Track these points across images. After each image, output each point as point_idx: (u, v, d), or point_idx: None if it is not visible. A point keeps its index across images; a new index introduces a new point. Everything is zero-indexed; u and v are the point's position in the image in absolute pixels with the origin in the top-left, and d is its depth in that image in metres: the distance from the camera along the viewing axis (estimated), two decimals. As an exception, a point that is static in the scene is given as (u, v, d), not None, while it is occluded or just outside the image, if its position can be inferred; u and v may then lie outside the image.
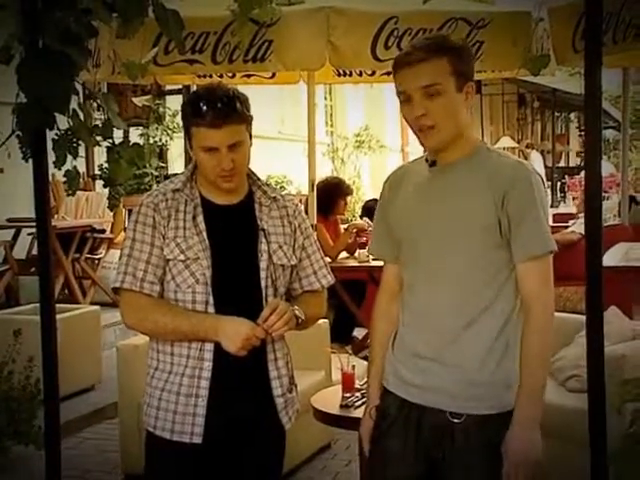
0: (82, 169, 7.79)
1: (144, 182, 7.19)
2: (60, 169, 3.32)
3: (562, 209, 13.54)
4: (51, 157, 3.22)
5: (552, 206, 16.39)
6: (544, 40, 4.64)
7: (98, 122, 3.49)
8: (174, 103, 8.09)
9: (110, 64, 4.56)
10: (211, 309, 2.33)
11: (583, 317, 3.59)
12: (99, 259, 7.84)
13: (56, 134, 3.11)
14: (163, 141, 7.84)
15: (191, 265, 2.34)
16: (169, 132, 7.91)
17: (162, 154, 8.18)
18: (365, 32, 4.56)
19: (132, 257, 2.35)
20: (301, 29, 4.63)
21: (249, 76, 5.80)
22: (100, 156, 8.07)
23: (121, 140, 3.53)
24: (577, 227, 6.39)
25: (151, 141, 7.53)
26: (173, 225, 2.37)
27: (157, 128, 7.62)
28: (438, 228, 2.18)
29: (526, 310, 2.13)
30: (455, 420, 2.14)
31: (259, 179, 2.52)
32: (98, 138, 3.40)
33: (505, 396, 2.15)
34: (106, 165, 3.47)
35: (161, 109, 7.80)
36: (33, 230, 7.08)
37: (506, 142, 20.02)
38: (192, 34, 4.59)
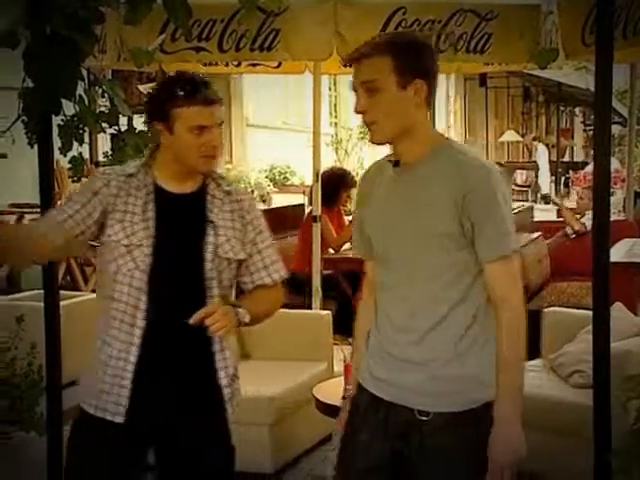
0: (85, 156, 7.78)
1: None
2: (65, 155, 3.32)
3: (566, 204, 13.51)
4: (56, 143, 3.23)
5: (556, 201, 16.36)
6: (552, 33, 4.61)
7: (103, 109, 3.50)
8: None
9: (116, 51, 4.55)
10: (144, 296, 2.35)
11: (587, 312, 3.58)
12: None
13: (62, 120, 3.11)
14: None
15: (133, 250, 2.37)
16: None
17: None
18: (373, 23, 4.54)
19: (59, 208, 2.48)
20: (308, 19, 4.61)
21: (255, 65, 5.78)
22: (104, 143, 8.05)
23: (126, 127, 3.52)
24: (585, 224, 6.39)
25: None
26: (122, 208, 2.40)
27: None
28: (404, 231, 2.21)
29: (496, 311, 2.14)
30: (423, 418, 2.15)
31: (215, 172, 2.54)
32: (104, 125, 3.41)
33: (472, 393, 2.16)
34: (111, 152, 3.47)
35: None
36: (35, 216, 7.10)
37: (511, 136, 20.01)
38: (199, 21, 4.57)
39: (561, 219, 7.14)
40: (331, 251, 6.42)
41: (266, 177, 12.04)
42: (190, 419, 2.43)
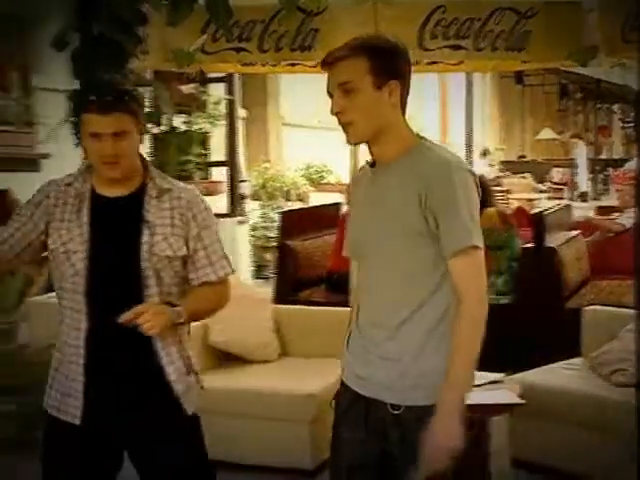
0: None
1: (187, 169, 7.26)
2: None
3: (604, 202, 13.39)
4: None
5: (594, 199, 16.19)
6: (593, 30, 4.59)
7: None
8: (217, 91, 8.14)
9: (158, 52, 4.60)
10: (84, 300, 2.42)
11: (628, 311, 3.57)
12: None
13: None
14: (206, 129, 7.91)
15: (71, 257, 2.45)
16: (212, 120, 7.97)
17: (204, 141, 8.26)
18: (412, 21, 4.54)
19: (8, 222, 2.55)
20: (348, 18, 4.62)
21: (293, 65, 5.81)
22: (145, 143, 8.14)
23: (167, 128, 3.58)
24: (624, 221, 6.34)
25: (194, 128, 7.60)
26: (59, 217, 2.50)
27: (200, 116, 7.69)
28: (376, 230, 2.27)
29: (458, 302, 2.17)
30: (395, 412, 2.21)
31: (154, 171, 2.58)
32: (148, 125, 3.47)
33: (439, 387, 2.18)
34: (153, 152, 3.54)
35: (204, 97, 7.87)
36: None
37: (547, 134, 19.82)
38: (238, 22, 4.61)
39: (600, 217, 7.08)
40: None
41: (302, 176, 12.07)
42: (143, 418, 2.50)
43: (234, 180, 7.91)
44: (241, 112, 9.70)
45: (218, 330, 4.55)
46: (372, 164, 2.31)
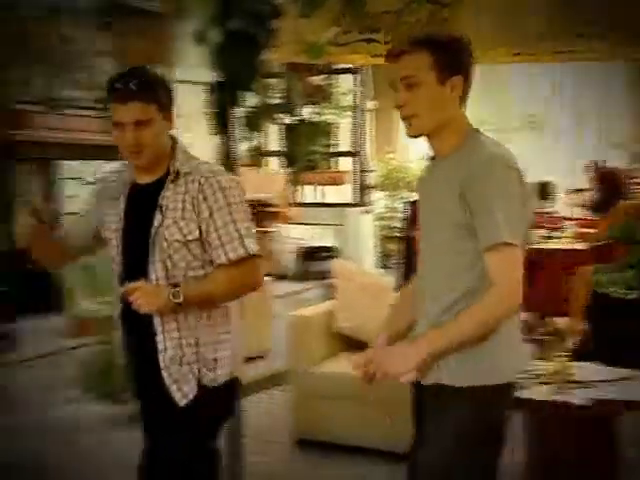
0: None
1: (314, 159, 7.35)
2: (244, 145, 3.49)
3: None
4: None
5: None
6: None
7: (276, 100, 3.65)
8: (345, 82, 8.21)
9: (290, 44, 4.70)
10: (117, 283, 2.53)
11: None
12: (270, 231, 8.11)
13: (244, 111, 3.28)
14: (333, 119, 7.99)
15: (112, 241, 2.56)
16: (339, 111, 8.05)
17: (331, 132, 8.35)
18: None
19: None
20: (475, 8, 4.59)
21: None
22: (271, 134, 8.31)
23: (297, 118, 3.66)
24: None
25: (321, 119, 7.69)
26: (108, 205, 2.58)
27: (328, 107, 7.78)
28: (427, 222, 2.33)
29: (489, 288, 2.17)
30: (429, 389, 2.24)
31: (181, 155, 2.53)
32: (280, 116, 3.57)
33: (474, 372, 2.19)
34: (281, 141, 3.62)
35: (332, 88, 7.95)
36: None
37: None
38: (369, 13, 4.64)
39: None
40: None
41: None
42: (144, 402, 2.59)
43: (360, 170, 7.96)
44: (370, 104, 9.74)
45: (343, 317, 4.62)
46: (432, 157, 2.34)
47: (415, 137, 2.29)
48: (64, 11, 5.03)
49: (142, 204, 2.51)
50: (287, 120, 3.58)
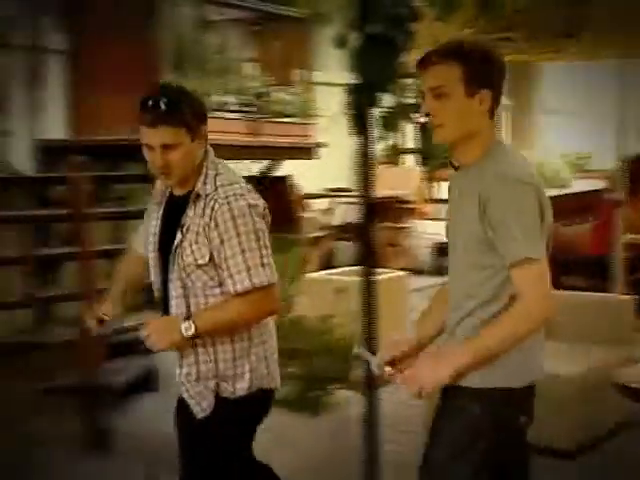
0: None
1: (447, 157, 7.29)
2: (382, 144, 3.52)
3: None
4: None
5: None
6: None
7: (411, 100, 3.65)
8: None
9: (427, 45, 4.68)
10: (158, 294, 2.52)
11: None
12: (407, 227, 8.12)
13: (381, 111, 3.30)
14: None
15: (149, 249, 2.54)
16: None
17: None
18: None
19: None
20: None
21: (557, 52, 5.64)
22: (407, 133, 8.31)
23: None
24: None
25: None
26: (152, 215, 2.56)
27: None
28: (451, 232, 2.30)
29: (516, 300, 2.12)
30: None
31: (211, 174, 2.44)
32: (416, 115, 3.57)
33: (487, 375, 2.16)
34: (416, 141, 3.63)
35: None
36: (347, 199, 7.55)
37: None
38: (505, 13, 4.56)
39: None
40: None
41: (565, 163, 11.72)
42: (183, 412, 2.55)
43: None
44: (505, 101, 9.56)
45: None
46: (456, 167, 2.28)
47: (439, 144, 2.26)
48: (217, 22, 5.22)
49: (173, 217, 2.48)
50: (422, 119, 3.56)
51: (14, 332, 4.93)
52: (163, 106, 2.32)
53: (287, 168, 6.56)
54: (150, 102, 2.33)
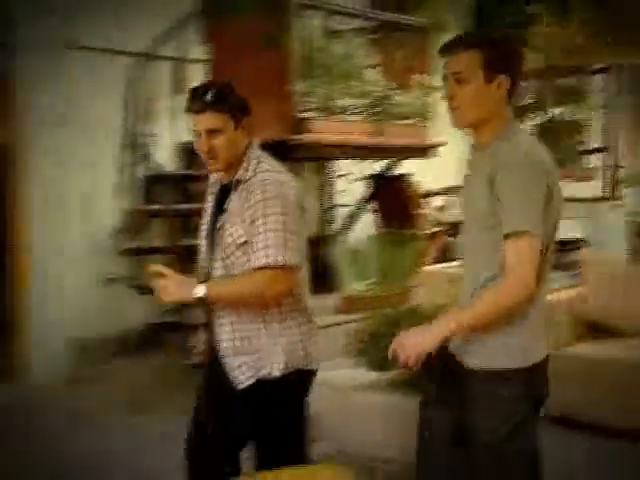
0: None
1: (567, 156, 7.21)
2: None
3: None
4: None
5: None
6: None
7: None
8: (596, 81, 7.92)
9: (542, 48, 4.69)
10: (204, 277, 2.56)
11: None
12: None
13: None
14: (585, 118, 7.76)
15: (202, 234, 2.63)
16: (590, 109, 7.79)
17: (582, 130, 8.12)
18: None
19: None
20: None
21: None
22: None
23: (549, 118, 3.67)
24: None
25: (575, 117, 7.49)
26: (206, 209, 2.65)
27: (580, 106, 7.57)
28: (465, 208, 2.34)
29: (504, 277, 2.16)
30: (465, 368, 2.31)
31: (252, 161, 2.50)
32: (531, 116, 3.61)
33: (499, 356, 2.23)
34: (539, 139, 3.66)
35: (585, 87, 7.71)
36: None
37: None
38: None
39: None
40: None
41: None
42: (210, 386, 2.64)
43: (610, 166, 7.67)
44: (622, 101, 9.30)
45: (592, 303, 4.58)
46: (473, 147, 2.35)
47: (458, 128, 2.31)
48: (342, 32, 5.39)
49: (219, 205, 2.57)
50: (538, 120, 3.61)
51: (164, 314, 5.28)
52: (209, 95, 2.44)
53: (406, 167, 6.67)
54: (198, 92, 2.47)
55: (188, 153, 5.74)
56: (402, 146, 5.91)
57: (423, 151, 6.11)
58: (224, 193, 2.56)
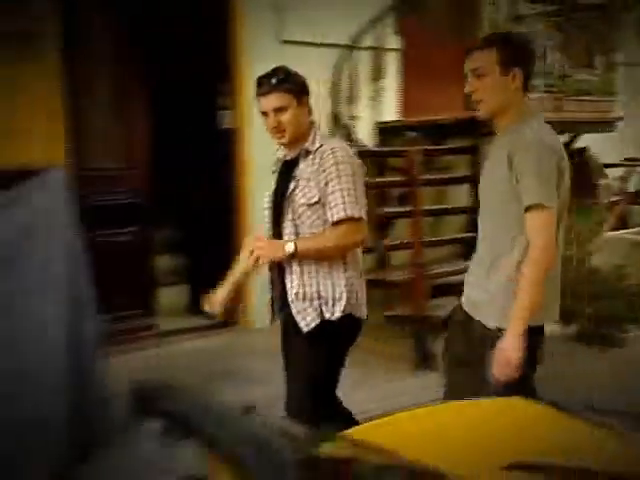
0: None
1: None
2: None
3: None
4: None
5: None
6: None
7: None
8: None
9: None
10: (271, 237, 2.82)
11: None
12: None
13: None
14: None
15: (266, 205, 2.88)
16: None
17: None
18: None
19: None
20: None
21: None
22: None
23: None
24: None
25: None
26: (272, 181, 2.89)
27: None
28: (484, 184, 2.50)
29: (529, 247, 2.31)
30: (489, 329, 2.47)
31: (317, 135, 2.73)
32: None
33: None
34: None
35: None
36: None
37: None
38: None
39: None
40: None
41: None
42: (284, 330, 2.88)
43: None
44: None
45: None
46: (494, 133, 2.53)
47: (482, 118, 2.50)
48: (527, 16, 5.52)
49: (285, 175, 2.80)
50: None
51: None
52: (273, 79, 2.67)
53: (587, 140, 6.69)
54: (264, 78, 2.71)
55: (385, 132, 6.10)
56: (583, 120, 5.96)
57: (604, 125, 6.13)
58: (289, 166, 2.79)
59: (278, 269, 2.81)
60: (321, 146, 2.70)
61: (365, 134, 6.15)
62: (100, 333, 3.75)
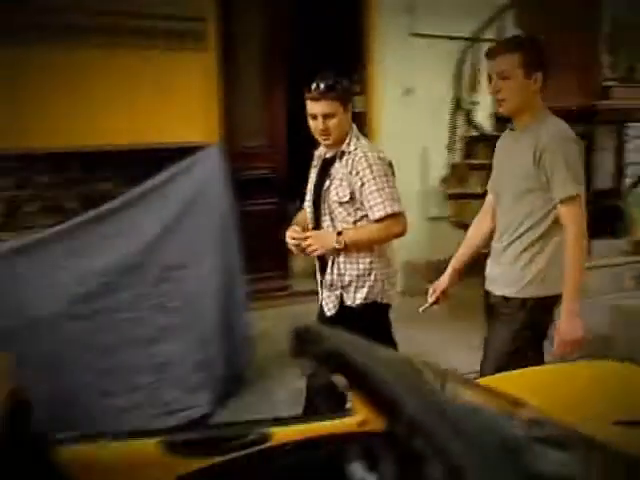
0: None
1: None
2: None
3: None
4: None
5: None
6: None
7: None
8: None
9: None
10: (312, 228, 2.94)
11: None
12: None
13: None
14: None
15: (307, 197, 3.00)
16: None
17: None
18: None
19: None
20: None
21: None
22: None
23: None
24: None
25: None
26: (311, 176, 3.00)
27: None
28: (508, 176, 2.63)
29: (566, 236, 2.49)
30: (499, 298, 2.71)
31: (353, 138, 2.80)
32: None
33: (527, 287, 2.60)
34: None
35: None
36: None
37: None
38: None
39: None
40: None
41: None
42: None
43: None
44: None
45: None
46: (513, 129, 2.63)
47: (505, 115, 2.64)
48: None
49: (322, 172, 2.91)
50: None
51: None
52: (323, 86, 2.75)
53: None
54: (314, 84, 2.77)
55: (503, 119, 6.23)
56: None
57: None
58: (326, 164, 2.90)
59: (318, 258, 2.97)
60: (355, 149, 2.82)
61: (484, 119, 6.36)
62: (245, 294, 4.15)
